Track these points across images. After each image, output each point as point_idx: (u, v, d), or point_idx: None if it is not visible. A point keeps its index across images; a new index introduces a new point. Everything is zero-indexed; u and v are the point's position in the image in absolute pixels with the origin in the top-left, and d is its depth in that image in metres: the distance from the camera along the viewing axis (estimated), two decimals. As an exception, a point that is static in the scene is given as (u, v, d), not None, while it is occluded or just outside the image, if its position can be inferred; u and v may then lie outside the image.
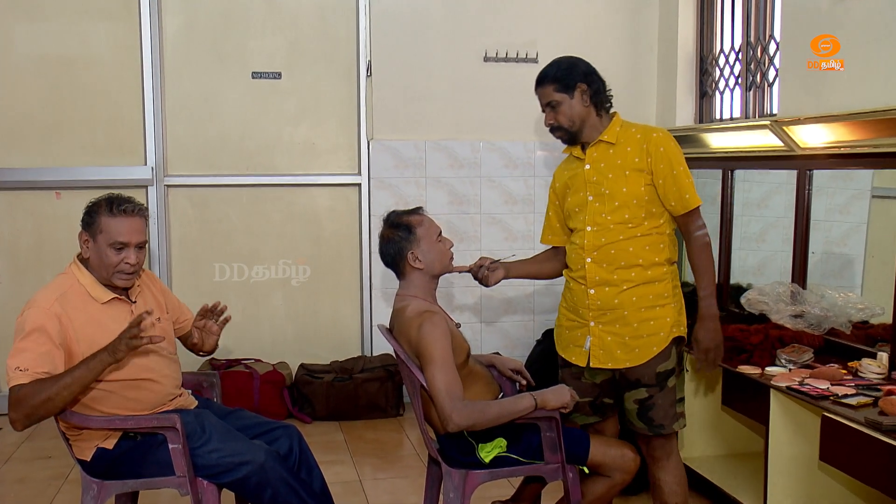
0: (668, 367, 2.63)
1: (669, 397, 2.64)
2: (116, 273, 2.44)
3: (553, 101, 2.61)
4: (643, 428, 2.66)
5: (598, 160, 2.63)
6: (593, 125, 2.63)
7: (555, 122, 2.64)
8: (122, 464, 2.47)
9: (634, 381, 2.64)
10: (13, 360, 2.28)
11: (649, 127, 2.66)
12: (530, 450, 2.54)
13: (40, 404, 2.26)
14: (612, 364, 2.64)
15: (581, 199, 2.66)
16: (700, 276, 2.60)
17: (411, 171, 4.64)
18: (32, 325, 2.32)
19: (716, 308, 2.60)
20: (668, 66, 4.64)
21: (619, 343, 2.62)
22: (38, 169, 4.40)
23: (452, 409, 2.34)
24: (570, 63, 2.63)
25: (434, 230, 2.59)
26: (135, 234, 2.45)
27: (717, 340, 2.61)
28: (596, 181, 2.62)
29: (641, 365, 2.61)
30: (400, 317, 2.56)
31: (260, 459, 2.43)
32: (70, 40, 4.39)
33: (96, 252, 2.44)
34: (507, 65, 4.66)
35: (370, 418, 4.41)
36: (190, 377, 2.84)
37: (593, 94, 2.60)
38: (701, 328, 2.61)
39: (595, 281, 2.63)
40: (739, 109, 4.15)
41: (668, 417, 2.64)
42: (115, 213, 2.43)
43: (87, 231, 2.47)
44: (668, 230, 2.63)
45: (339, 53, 4.62)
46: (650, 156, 2.56)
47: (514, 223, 4.76)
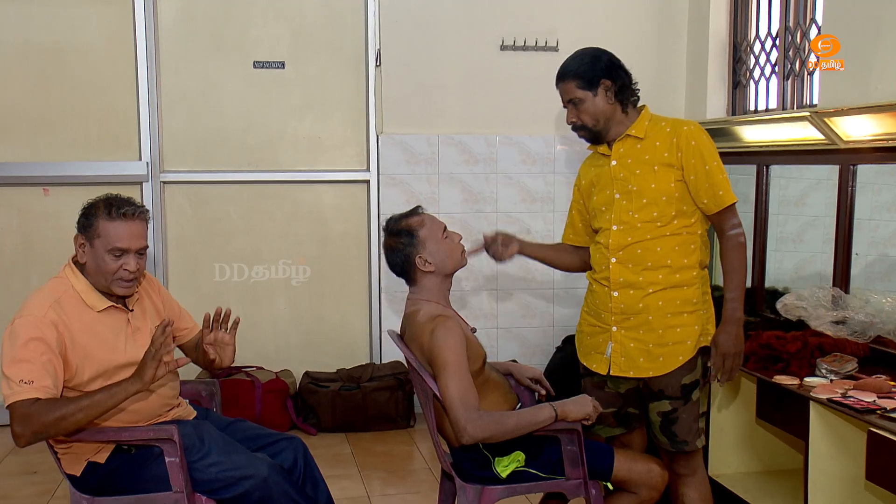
0: (693, 379, 2.62)
1: (693, 411, 2.63)
2: (115, 281, 2.43)
3: (575, 99, 2.60)
4: (665, 443, 2.65)
5: (625, 156, 2.62)
6: (619, 122, 2.62)
7: (577, 120, 2.63)
8: (115, 479, 2.46)
9: (658, 391, 2.63)
10: (13, 372, 2.27)
11: (680, 120, 2.65)
12: (550, 464, 2.53)
13: (52, 423, 2.25)
14: (634, 373, 2.63)
15: (607, 197, 2.65)
16: (729, 276, 2.58)
17: (423, 167, 4.63)
18: (29, 334, 2.31)
19: (741, 313, 2.57)
20: (699, 53, 4.61)
21: (643, 350, 2.61)
22: (25, 163, 4.41)
23: (467, 421, 2.33)
24: (593, 56, 2.60)
25: (437, 228, 2.59)
26: (135, 240, 2.43)
27: (737, 348, 2.57)
28: (623, 178, 2.61)
29: (665, 375, 2.60)
30: (411, 321, 2.56)
31: (262, 473, 2.43)
32: (58, 26, 4.39)
33: (93, 258, 2.42)
34: (525, 54, 4.65)
35: (379, 430, 4.41)
36: (188, 386, 2.84)
37: (618, 90, 2.58)
38: (722, 332, 2.58)
39: (619, 283, 2.61)
40: (776, 100, 4.13)
41: (691, 433, 2.63)
42: (114, 216, 2.40)
43: (83, 234, 2.44)
44: (699, 230, 2.62)
45: (346, 42, 4.62)
46: (680, 150, 2.55)
47: (533, 223, 4.75)
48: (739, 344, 2.57)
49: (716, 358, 2.58)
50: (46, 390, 2.26)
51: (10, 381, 2.26)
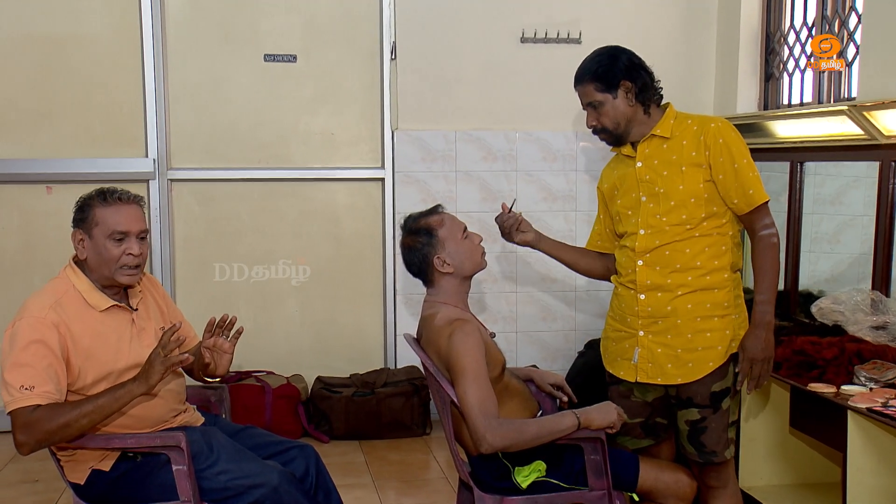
0: (724, 387, 2.60)
1: (723, 421, 2.62)
2: (119, 269, 2.44)
3: (595, 101, 2.60)
4: (693, 453, 2.64)
5: (651, 157, 2.61)
6: (641, 123, 2.61)
7: (597, 123, 2.63)
8: (120, 487, 2.47)
9: (686, 399, 2.61)
10: (13, 377, 2.28)
11: (707, 117, 2.63)
12: (572, 474, 2.52)
13: (56, 430, 2.26)
14: (662, 379, 2.61)
15: (633, 200, 2.64)
16: (761, 278, 2.55)
17: (440, 164, 4.63)
18: (29, 337, 2.31)
19: (772, 316, 2.55)
20: (729, 44, 4.58)
21: (671, 356, 2.59)
22: (27, 160, 4.43)
23: (486, 428, 2.33)
24: (612, 56, 2.59)
25: (457, 228, 2.60)
26: (135, 222, 2.45)
27: (766, 353, 2.54)
28: (649, 180, 2.60)
29: (694, 382, 2.58)
30: (428, 325, 2.56)
31: (273, 482, 2.43)
32: (61, 17, 4.41)
33: (94, 249, 2.44)
34: (546, 46, 4.63)
35: (394, 437, 4.41)
36: (195, 391, 2.85)
37: (639, 90, 2.57)
38: (750, 335, 2.55)
39: (646, 285, 2.60)
40: (811, 93, 4.10)
41: (720, 443, 2.62)
42: (109, 202, 2.44)
43: (80, 229, 2.46)
44: (730, 231, 2.60)
45: (360, 34, 4.62)
46: (708, 148, 2.53)
47: (554, 222, 4.73)
48: (769, 349, 2.54)
49: (743, 363, 2.55)
50: (48, 396, 2.27)
51: (10, 387, 2.27)
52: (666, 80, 2.66)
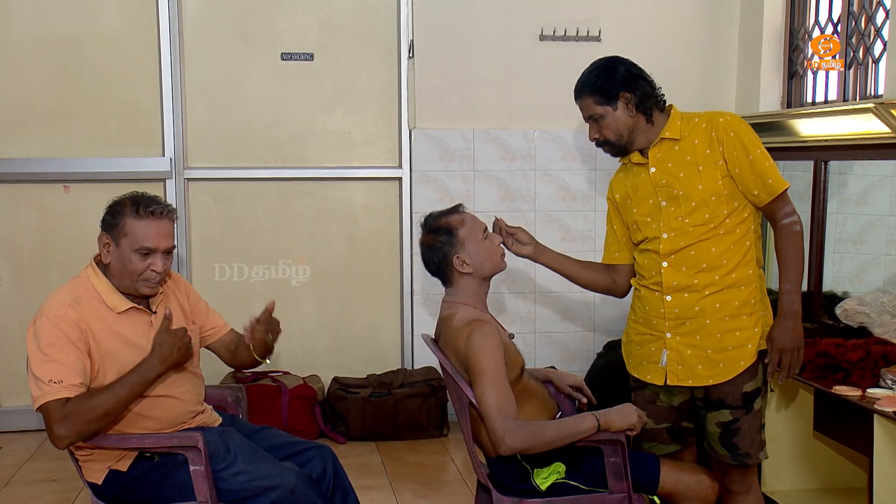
0: (755, 387, 2.60)
1: (756, 421, 2.60)
2: (141, 281, 2.46)
3: (595, 115, 2.62)
4: (726, 455, 2.62)
5: (664, 160, 2.61)
6: (645, 131, 2.62)
7: (600, 136, 2.65)
8: (138, 487, 2.49)
9: (717, 401, 2.60)
10: (42, 372, 2.30)
11: (713, 112, 2.63)
12: (592, 476, 2.52)
13: (96, 419, 2.29)
14: (693, 381, 2.60)
15: (651, 206, 2.63)
16: (785, 267, 2.54)
17: (458, 163, 4.63)
18: (53, 334, 2.34)
19: (799, 305, 2.53)
20: (752, 41, 4.55)
21: (701, 357, 2.58)
22: (44, 160, 4.46)
23: (505, 430, 2.33)
24: (608, 68, 2.60)
25: (478, 228, 2.61)
26: (163, 239, 2.46)
27: (795, 343, 2.52)
28: (666, 184, 2.60)
29: (726, 383, 2.57)
30: (447, 325, 2.56)
31: (290, 483, 2.44)
32: (78, 16, 4.44)
33: (119, 258, 2.45)
34: (565, 44, 4.62)
35: (411, 439, 4.42)
36: (213, 391, 2.86)
37: (639, 101, 2.58)
38: (777, 326, 2.54)
39: (672, 287, 2.59)
40: (836, 91, 4.07)
41: (753, 445, 2.61)
42: (142, 215, 2.43)
43: (108, 234, 2.47)
44: (752, 225, 2.60)
45: (378, 32, 4.63)
46: (721, 144, 2.53)
47: (573, 222, 4.72)
48: (797, 338, 2.53)
49: (772, 354, 2.54)
50: (76, 389, 2.30)
51: (39, 381, 2.29)
52: (686, 77, 2.66)
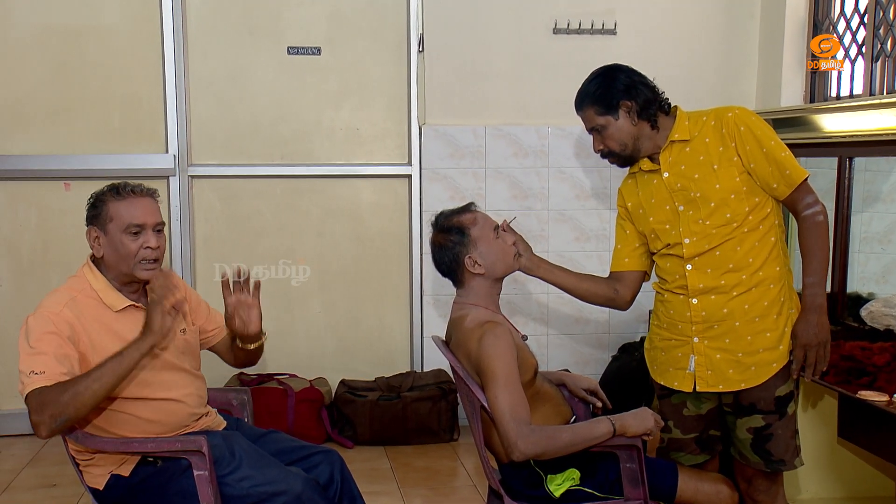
0: (788, 390, 2.58)
1: (790, 427, 2.59)
2: (138, 263, 2.47)
3: (597, 126, 2.61)
4: (759, 463, 2.60)
5: (677, 163, 2.60)
6: (650, 138, 2.60)
7: (604, 147, 2.64)
8: (140, 493, 2.49)
9: (748, 405, 2.58)
10: (27, 365, 2.30)
11: (720, 108, 2.62)
12: (607, 483, 2.52)
13: (68, 401, 2.25)
14: (724, 386, 2.59)
15: (669, 212, 2.62)
16: (809, 259, 2.52)
17: (468, 160, 4.62)
18: (43, 329, 2.35)
19: (823, 299, 2.52)
20: (773, 33, 4.53)
21: (732, 361, 2.57)
22: (44, 156, 4.47)
23: (518, 435, 2.32)
24: (608, 76, 2.60)
25: (490, 227, 2.60)
26: (150, 215, 2.49)
27: (820, 337, 2.51)
28: (681, 187, 2.58)
29: (758, 387, 2.56)
30: (458, 327, 2.56)
31: (297, 489, 2.44)
32: (79, 9, 4.45)
33: (110, 245, 2.47)
34: (580, 37, 4.60)
35: (420, 443, 4.41)
36: (218, 394, 2.87)
37: (641, 108, 2.57)
38: (801, 320, 2.53)
39: (698, 289, 2.58)
40: (862, 85, 4.05)
41: (788, 451, 2.59)
42: (123, 195, 2.48)
43: (95, 225, 2.50)
44: (776, 220, 2.59)
45: (386, 26, 4.63)
46: (733, 139, 2.52)
47: (587, 221, 4.71)
48: (823, 333, 2.51)
49: (797, 351, 2.53)
50: (58, 378, 2.27)
51: (21, 374, 2.30)
52: (705, 72, 2.65)
